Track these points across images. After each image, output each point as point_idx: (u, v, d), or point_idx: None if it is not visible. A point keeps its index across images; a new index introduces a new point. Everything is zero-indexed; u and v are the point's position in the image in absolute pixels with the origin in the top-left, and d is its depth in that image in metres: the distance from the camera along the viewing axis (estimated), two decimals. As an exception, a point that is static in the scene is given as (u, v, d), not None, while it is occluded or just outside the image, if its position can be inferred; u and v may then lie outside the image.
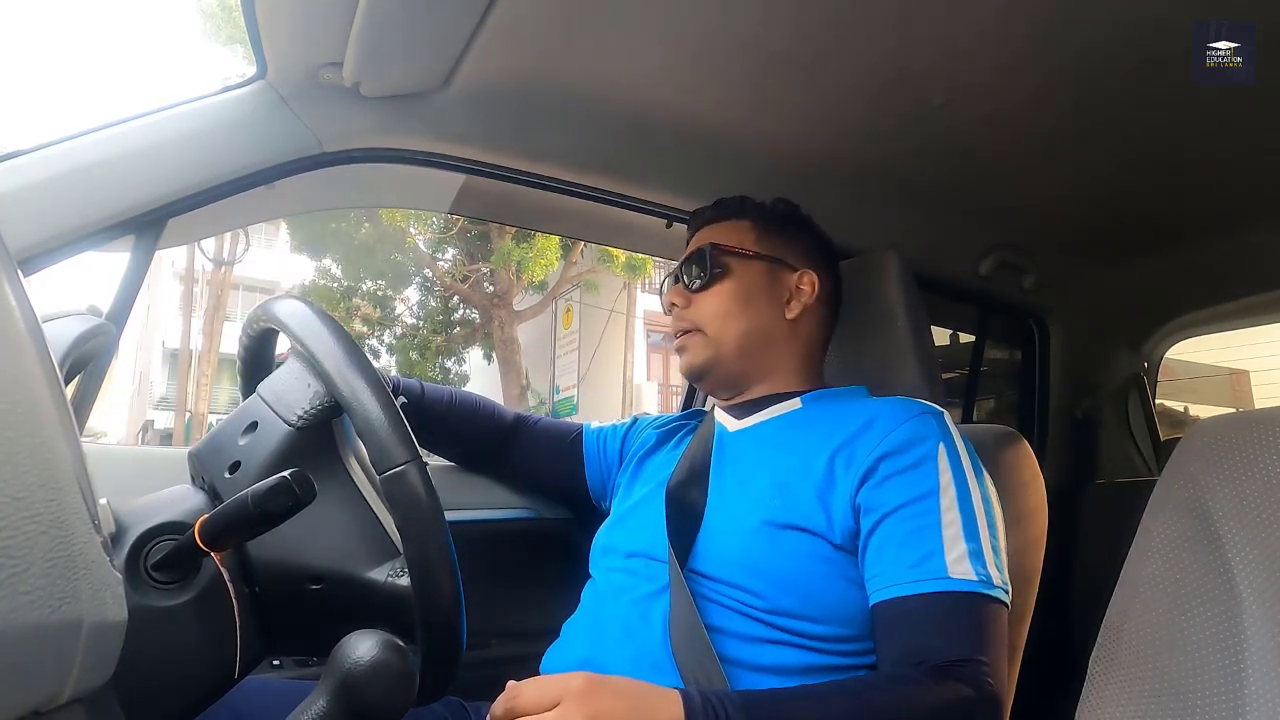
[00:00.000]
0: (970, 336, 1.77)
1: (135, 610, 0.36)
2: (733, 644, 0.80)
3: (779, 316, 1.00)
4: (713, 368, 0.98)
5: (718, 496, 0.90)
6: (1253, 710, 0.57)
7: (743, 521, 0.85)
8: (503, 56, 1.04)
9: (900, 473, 0.82)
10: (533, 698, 0.64)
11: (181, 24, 38.72)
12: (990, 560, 0.78)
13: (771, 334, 0.99)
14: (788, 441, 0.91)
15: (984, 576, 0.77)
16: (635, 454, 1.08)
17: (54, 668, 0.27)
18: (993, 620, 0.77)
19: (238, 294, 14.44)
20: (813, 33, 1.00)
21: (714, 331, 0.98)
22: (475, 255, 11.21)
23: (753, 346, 0.98)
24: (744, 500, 0.87)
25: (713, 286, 0.99)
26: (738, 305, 0.98)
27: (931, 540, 0.78)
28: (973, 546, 0.78)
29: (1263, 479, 0.63)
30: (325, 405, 0.64)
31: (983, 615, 0.76)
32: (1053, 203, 1.44)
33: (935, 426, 0.86)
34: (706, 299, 0.99)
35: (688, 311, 1.00)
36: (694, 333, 0.99)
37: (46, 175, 0.89)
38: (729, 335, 0.97)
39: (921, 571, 0.77)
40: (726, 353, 0.98)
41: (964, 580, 0.76)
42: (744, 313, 0.98)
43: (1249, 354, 5.89)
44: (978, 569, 0.77)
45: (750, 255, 1.00)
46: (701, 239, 1.03)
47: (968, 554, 0.77)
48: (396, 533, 0.61)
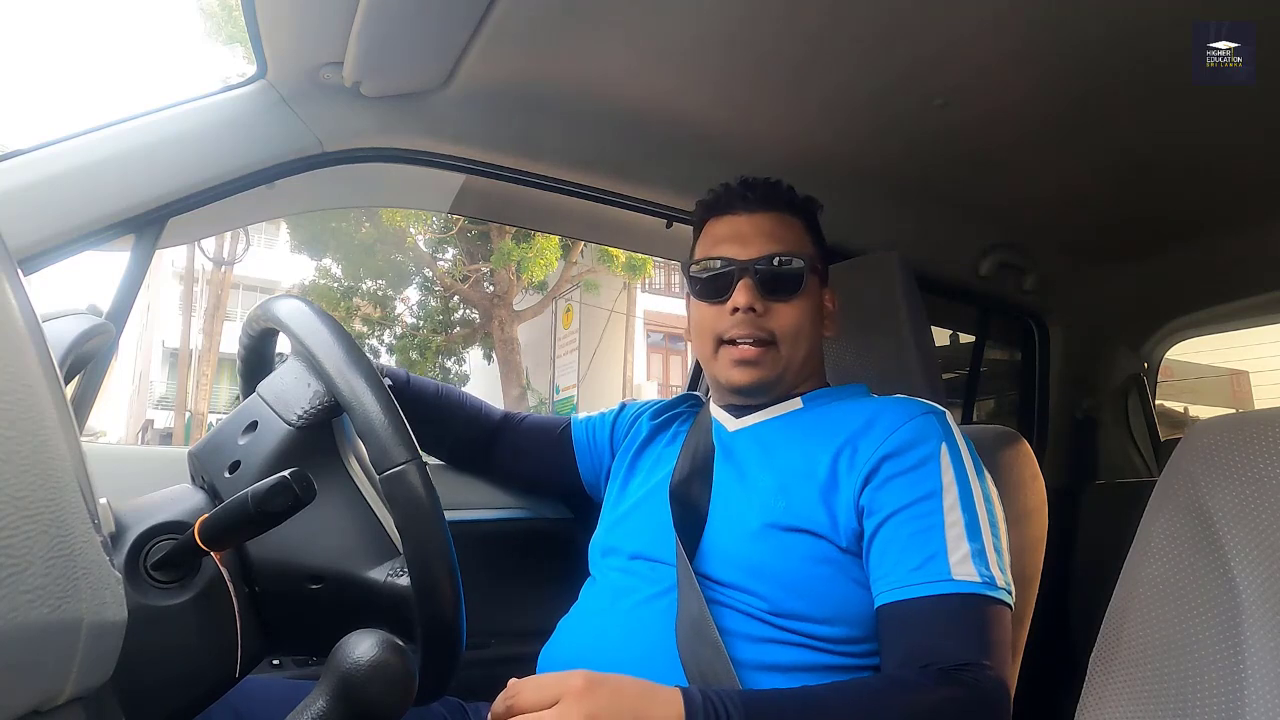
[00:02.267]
0: (970, 336, 1.77)
1: (135, 610, 0.36)
2: (740, 645, 0.79)
3: (820, 334, 0.98)
4: (775, 385, 0.94)
5: (720, 498, 0.89)
6: (1252, 710, 0.57)
7: (746, 525, 0.85)
8: (503, 56, 1.04)
9: (903, 474, 0.82)
10: (532, 696, 0.64)
11: (181, 24, 38.73)
12: (993, 561, 0.78)
13: (816, 352, 0.98)
14: (789, 442, 0.91)
15: (987, 578, 0.77)
16: (629, 445, 1.06)
17: (54, 667, 0.27)
18: (996, 621, 0.76)
19: (238, 293, 14.44)
20: (813, 33, 1.00)
21: (788, 349, 0.92)
22: (475, 255, 11.21)
23: (806, 365, 0.96)
24: (747, 503, 0.87)
25: (796, 299, 0.93)
26: (811, 323, 0.94)
27: (935, 542, 0.78)
28: (975, 547, 0.78)
29: (1262, 479, 0.63)
30: (325, 405, 0.64)
31: (986, 617, 0.76)
32: (1053, 203, 1.44)
33: (937, 426, 0.85)
34: (788, 311, 0.92)
35: (765, 320, 0.92)
36: (767, 345, 0.92)
37: (46, 175, 0.89)
38: (799, 353, 0.93)
39: (925, 574, 0.77)
40: (790, 372, 0.94)
41: (967, 582, 0.76)
42: (812, 331, 0.95)
43: (1249, 354, 5.89)
44: (981, 570, 0.77)
45: (818, 272, 0.97)
46: (777, 233, 0.94)
47: (971, 555, 0.77)
48: (396, 532, 0.61)
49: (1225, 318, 1.86)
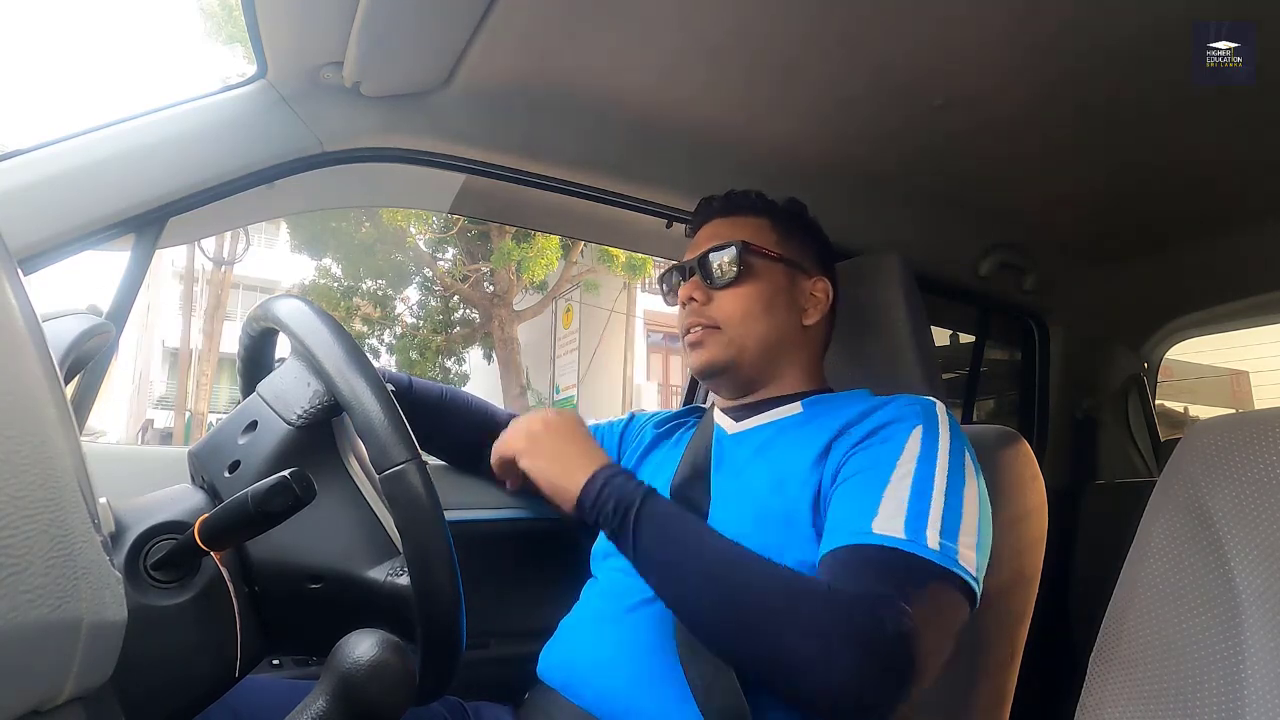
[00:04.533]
0: (970, 336, 1.77)
1: (135, 610, 0.36)
2: None
3: (796, 322, 0.99)
4: (729, 369, 0.97)
5: (718, 499, 0.89)
6: (1252, 710, 0.57)
7: (742, 523, 0.85)
8: (503, 56, 1.04)
9: (867, 445, 0.81)
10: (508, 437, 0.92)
11: (181, 24, 38.73)
12: (933, 526, 0.72)
13: (788, 339, 0.98)
14: (786, 442, 0.91)
15: (915, 536, 0.71)
16: (634, 452, 1.08)
17: (54, 667, 0.27)
18: (914, 575, 0.70)
19: (238, 293, 14.44)
20: (814, 34, 1.00)
21: (735, 333, 0.96)
22: (475, 255, 11.21)
23: (770, 351, 0.97)
24: (741, 501, 0.87)
25: (738, 285, 0.96)
26: (761, 307, 0.96)
27: (869, 501, 0.75)
28: (915, 509, 0.73)
29: (1262, 479, 0.63)
30: (325, 404, 0.64)
31: (904, 571, 0.70)
32: (1053, 203, 1.44)
33: (920, 411, 0.84)
34: (729, 297, 0.96)
35: (708, 308, 0.97)
36: (711, 329, 0.96)
37: (46, 175, 0.89)
38: (751, 338, 0.96)
39: (850, 527, 0.74)
40: (747, 356, 0.96)
41: (890, 536, 0.71)
42: (766, 315, 0.96)
43: (1249, 354, 5.89)
44: (911, 531, 0.71)
45: (775, 258, 0.98)
46: (721, 232, 0.99)
47: (905, 515, 0.72)
48: (396, 532, 0.61)
49: (1225, 318, 1.86)
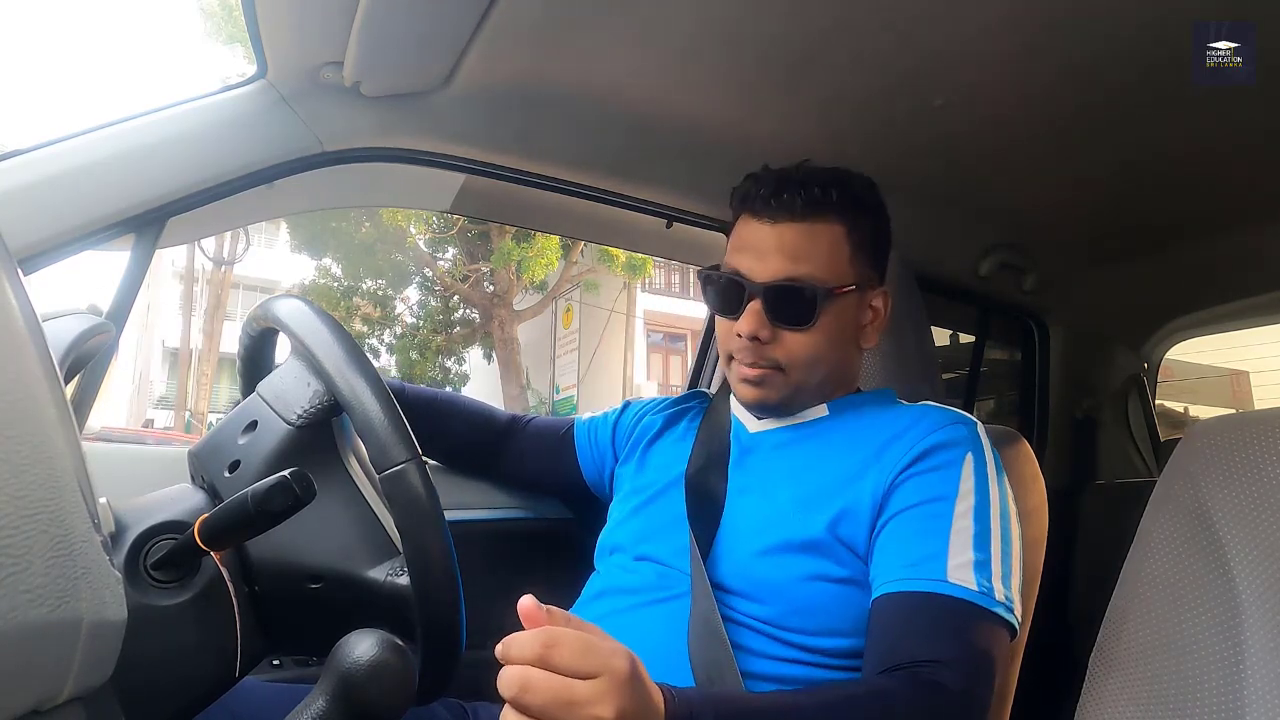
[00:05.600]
0: (970, 336, 1.77)
1: (135, 609, 0.36)
2: (744, 659, 0.77)
3: (855, 347, 0.93)
4: (781, 405, 0.90)
5: (738, 504, 0.86)
6: (1252, 710, 0.57)
7: (763, 538, 0.82)
8: (503, 56, 1.04)
9: (921, 474, 0.79)
10: (572, 659, 0.52)
11: (181, 24, 38.71)
12: (997, 574, 0.74)
13: (843, 363, 0.93)
14: (814, 456, 0.88)
15: (985, 588, 0.72)
16: (637, 442, 1.03)
17: (53, 666, 0.27)
18: (987, 636, 0.72)
19: (238, 293, 14.44)
20: (813, 33, 1.00)
21: (799, 376, 0.87)
22: (475, 255, 11.22)
23: (825, 380, 0.90)
24: (765, 517, 0.84)
25: (809, 328, 0.85)
26: (828, 347, 0.87)
27: (937, 542, 0.75)
28: (980, 557, 0.74)
29: (1262, 480, 0.63)
30: (325, 404, 0.64)
31: (976, 628, 0.71)
32: (1053, 203, 1.44)
33: (966, 435, 0.83)
34: (798, 341, 0.86)
35: (771, 349, 0.86)
36: (774, 370, 0.87)
37: (46, 175, 0.89)
38: (814, 379, 0.89)
39: (920, 570, 0.74)
40: (803, 394, 0.90)
41: (963, 587, 0.72)
42: (831, 353, 0.88)
43: (1249, 354, 5.89)
44: (980, 580, 0.73)
45: (850, 290, 0.87)
46: (797, 244, 0.85)
47: (973, 563, 0.73)
48: (396, 532, 0.61)
49: (1225, 318, 1.86)
